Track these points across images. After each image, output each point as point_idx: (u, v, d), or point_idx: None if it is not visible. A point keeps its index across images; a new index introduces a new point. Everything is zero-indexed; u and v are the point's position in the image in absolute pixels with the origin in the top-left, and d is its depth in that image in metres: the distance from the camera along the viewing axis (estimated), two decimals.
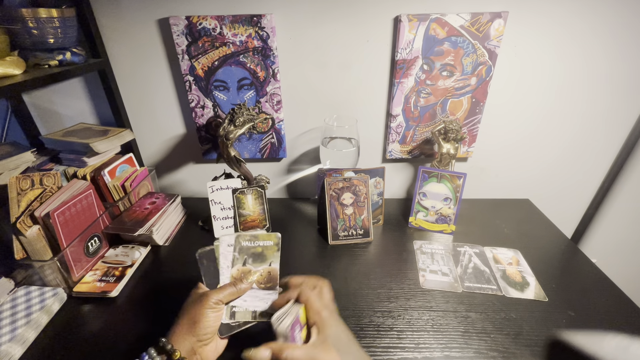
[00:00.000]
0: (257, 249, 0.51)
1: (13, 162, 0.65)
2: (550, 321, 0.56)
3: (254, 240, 0.51)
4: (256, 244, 0.51)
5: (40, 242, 0.61)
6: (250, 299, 0.49)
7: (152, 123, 0.88)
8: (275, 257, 0.51)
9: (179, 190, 0.99)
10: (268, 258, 0.51)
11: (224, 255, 0.50)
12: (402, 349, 0.52)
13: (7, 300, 0.58)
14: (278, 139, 0.88)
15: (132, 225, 0.72)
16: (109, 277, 0.65)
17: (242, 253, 0.51)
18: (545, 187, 0.94)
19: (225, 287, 0.46)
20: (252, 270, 0.50)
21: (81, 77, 0.83)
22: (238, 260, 0.50)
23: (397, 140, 0.87)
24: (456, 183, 0.76)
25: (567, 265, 0.70)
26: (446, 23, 0.72)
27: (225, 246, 0.50)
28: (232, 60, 0.77)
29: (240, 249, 0.51)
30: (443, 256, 0.72)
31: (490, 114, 0.84)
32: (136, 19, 0.75)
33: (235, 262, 0.50)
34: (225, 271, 0.50)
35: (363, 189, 0.75)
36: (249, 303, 0.49)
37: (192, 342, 0.41)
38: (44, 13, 0.63)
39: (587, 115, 0.84)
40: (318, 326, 0.41)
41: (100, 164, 0.77)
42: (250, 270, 0.50)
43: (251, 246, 0.51)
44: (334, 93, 0.83)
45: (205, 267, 0.49)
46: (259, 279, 0.50)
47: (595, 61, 0.77)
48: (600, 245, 1.02)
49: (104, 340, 0.55)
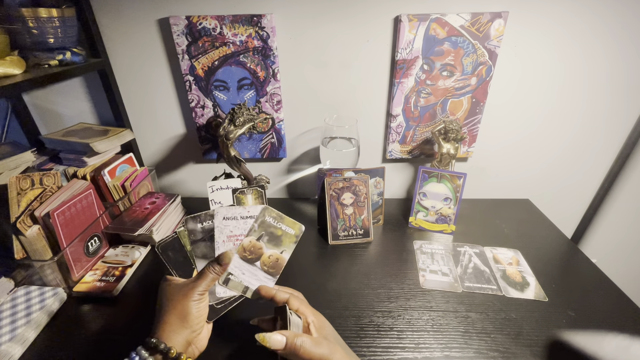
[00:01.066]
0: (278, 232, 0.50)
1: (13, 162, 0.65)
2: (550, 321, 0.56)
3: (278, 221, 0.50)
4: (279, 225, 0.50)
5: (40, 242, 0.61)
6: (248, 275, 0.48)
7: (152, 123, 0.88)
8: (290, 247, 0.50)
9: (179, 190, 0.99)
10: (283, 245, 0.50)
11: (219, 229, 0.48)
12: (402, 349, 0.52)
13: (7, 300, 0.58)
14: (278, 139, 0.88)
15: (132, 225, 0.72)
16: (109, 277, 0.65)
17: (261, 227, 0.49)
18: (545, 187, 0.94)
19: (204, 275, 0.43)
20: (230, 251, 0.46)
21: (81, 77, 0.83)
22: (255, 232, 0.49)
23: (397, 140, 0.87)
24: (456, 183, 0.76)
25: (567, 265, 0.70)
26: (446, 23, 0.72)
27: (220, 219, 0.48)
28: (232, 60, 0.77)
29: (262, 222, 0.49)
30: (443, 256, 0.72)
31: (491, 114, 0.84)
32: (136, 18, 0.75)
33: (252, 234, 0.49)
34: (221, 245, 0.48)
35: (363, 189, 0.75)
36: (246, 277, 0.48)
37: (185, 335, 0.40)
38: (44, 13, 0.63)
39: (587, 115, 0.84)
40: (315, 326, 0.43)
41: (100, 164, 0.77)
42: (262, 248, 0.48)
43: (273, 225, 0.50)
44: (334, 93, 0.83)
45: (173, 259, 0.47)
46: (265, 260, 0.49)
47: (596, 61, 0.77)
48: (600, 245, 1.02)
49: (104, 340, 0.55)
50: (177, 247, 0.47)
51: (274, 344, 0.38)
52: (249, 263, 0.49)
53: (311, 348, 0.38)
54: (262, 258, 0.49)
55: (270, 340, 0.38)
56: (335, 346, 0.40)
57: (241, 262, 0.48)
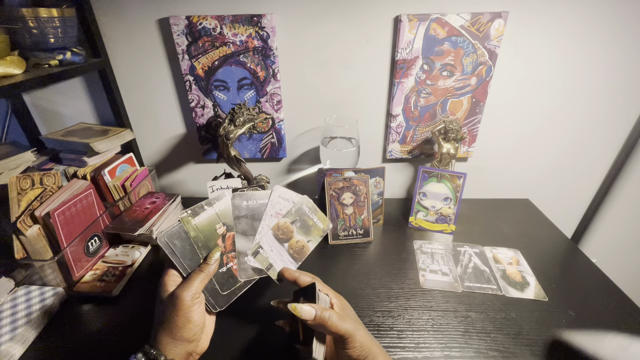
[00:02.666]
0: (309, 221, 0.53)
1: (13, 162, 0.65)
2: (550, 321, 0.56)
3: (312, 212, 0.53)
4: (312, 216, 0.53)
5: (40, 242, 0.61)
6: (275, 253, 0.51)
7: (152, 123, 0.88)
8: (316, 239, 0.53)
9: (179, 190, 0.99)
10: (311, 235, 0.53)
11: (272, 204, 0.51)
12: (402, 349, 0.52)
13: (7, 300, 0.58)
14: (278, 138, 0.88)
15: (132, 225, 0.72)
16: (109, 276, 0.65)
17: (297, 213, 0.52)
18: (545, 187, 0.94)
19: (193, 277, 0.43)
20: (217, 248, 0.47)
21: (81, 77, 0.83)
22: (291, 216, 0.52)
23: (397, 140, 0.87)
24: (456, 183, 0.76)
25: (567, 265, 0.70)
26: (446, 23, 0.72)
27: (276, 196, 0.52)
28: (232, 60, 0.77)
29: (299, 210, 0.52)
30: (443, 256, 0.72)
31: (490, 113, 0.84)
32: (136, 18, 0.75)
33: (288, 216, 0.52)
34: (267, 218, 0.51)
35: (363, 189, 0.75)
36: (272, 255, 0.50)
37: (184, 347, 0.40)
38: (44, 13, 0.63)
39: (587, 115, 0.84)
40: (339, 307, 0.45)
41: (101, 164, 0.77)
42: (294, 231, 0.52)
43: (307, 214, 0.53)
44: (334, 93, 0.83)
45: (180, 248, 0.45)
46: (292, 244, 0.52)
47: (596, 61, 0.77)
48: (600, 245, 1.02)
49: (104, 340, 0.55)
50: (183, 235, 0.46)
51: (305, 314, 0.40)
52: (279, 242, 0.52)
53: (338, 322, 0.39)
54: (290, 241, 0.52)
55: (301, 310, 0.40)
56: (358, 324, 0.42)
57: (273, 239, 0.51)
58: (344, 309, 0.45)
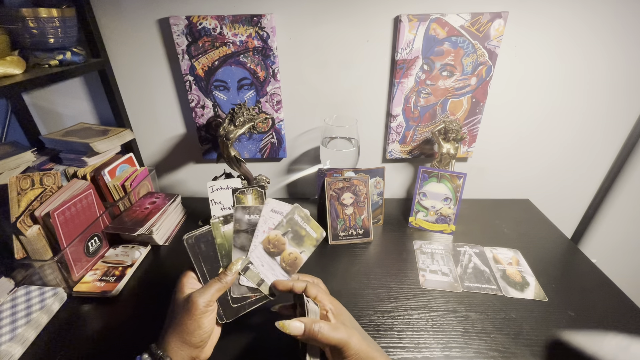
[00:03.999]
0: (302, 232, 0.51)
1: (13, 162, 0.65)
2: (550, 321, 0.56)
3: (305, 221, 0.51)
4: (304, 226, 0.51)
5: (40, 242, 0.61)
6: (267, 267, 0.48)
7: (152, 123, 0.88)
8: (309, 250, 0.51)
9: (179, 190, 0.99)
10: (304, 245, 0.51)
11: (264, 219, 0.49)
12: (402, 349, 0.52)
13: (7, 300, 0.58)
14: (278, 138, 0.88)
15: (132, 225, 0.72)
16: (109, 276, 0.65)
17: (289, 224, 0.50)
18: (545, 187, 0.94)
19: (211, 285, 0.43)
20: (238, 259, 0.47)
21: (81, 77, 0.83)
22: (282, 227, 0.50)
23: (397, 140, 0.87)
24: (456, 183, 0.76)
25: (567, 265, 0.70)
26: (446, 23, 0.72)
27: (268, 210, 0.50)
28: (232, 60, 0.77)
29: (290, 220, 0.50)
30: (443, 256, 0.72)
31: (490, 114, 0.84)
32: (136, 18, 0.75)
33: (279, 228, 0.49)
34: (260, 235, 0.49)
35: (363, 189, 0.75)
36: (263, 270, 0.48)
37: (189, 352, 0.40)
38: (44, 13, 0.63)
39: (587, 115, 0.84)
40: (333, 313, 0.43)
41: (101, 164, 0.77)
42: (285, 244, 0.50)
43: (299, 224, 0.51)
44: (334, 93, 0.83)
45: (204, 252, 0.46)
46: (285, 257, 0.50)
47: (596, 61, 0.77)
48: (600, 245, 1.02)
49: (104, 340, 0.55)
50: (210, 240, 0.47)
51: (293, 330, 0.39)
52: (270, 256, 0.49)
53: (329, 333, 0.39)
54: (282, 254, 0.50)
55: (289, 326, 0.39)
56: (352, 331, 0.41)
57: (263, 253, 0.49)
58: (339, 314, 0.44)
